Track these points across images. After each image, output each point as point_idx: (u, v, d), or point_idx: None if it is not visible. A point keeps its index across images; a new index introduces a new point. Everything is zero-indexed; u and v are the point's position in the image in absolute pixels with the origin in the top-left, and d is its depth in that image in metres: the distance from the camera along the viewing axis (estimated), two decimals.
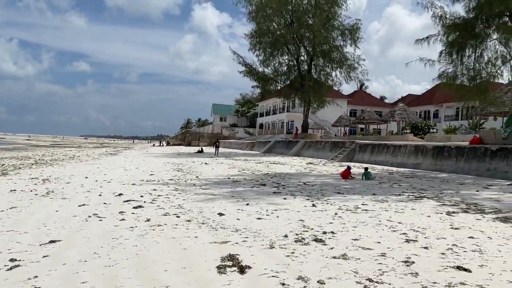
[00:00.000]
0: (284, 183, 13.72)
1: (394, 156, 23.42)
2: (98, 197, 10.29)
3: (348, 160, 27.19)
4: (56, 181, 14.01)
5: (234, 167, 21.84)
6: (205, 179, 15.11)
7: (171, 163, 25.26)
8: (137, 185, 13.07)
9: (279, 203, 9.26)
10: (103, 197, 10.30)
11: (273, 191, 11.54)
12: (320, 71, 42.05)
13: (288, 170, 19.67)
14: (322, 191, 11.50)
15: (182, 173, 17.80)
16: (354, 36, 39.93)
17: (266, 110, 79.70)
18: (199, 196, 10.48)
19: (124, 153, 42.64)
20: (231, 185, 13.06)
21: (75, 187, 12.12)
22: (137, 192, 11.13)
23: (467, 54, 17.29)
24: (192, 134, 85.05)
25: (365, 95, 75.07)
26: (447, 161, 19.32)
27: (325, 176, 16.47)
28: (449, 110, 66.63)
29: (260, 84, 44.75)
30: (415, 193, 11.39)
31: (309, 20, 41.05)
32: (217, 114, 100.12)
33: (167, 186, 12.60)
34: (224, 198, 10.06)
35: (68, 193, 10.78)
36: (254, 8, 41.77)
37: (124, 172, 17.97)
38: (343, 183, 13.82)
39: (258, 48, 41.66)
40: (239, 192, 11.29)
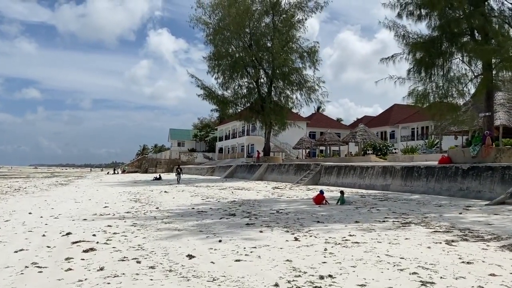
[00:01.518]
0: (255, 212, 12.53)
1: (361, 178, 22.86)
2: (41, 238, 8.68)
3: (313, 183, 26.43)
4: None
5: (197, 194, 20.41)
6: (167, 210, 13.65)
7: (128, 192, 23.43)
8: (89, 220, 11.46)
9: (256, 238, 8.06)
10: (47, 238, 8.69)
11: (245, 222, 10.33)
12: (281, 94, 41.69)
13: (255, 197, 18.50)
14: (299, 220, 10.41)
15: (140, 204, 16.21)
16: (313, 59, 40.03)
17: (226, 134, 78.63)
18: (162, 232, 9.09)
19: (76, 183, 39.91)
20: (197, 216, 11.71)
21: (14, 226, 10.36)
22: (88, 230, 9.58)
23: (435, 72, 17.16)
24: (149, 160, 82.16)
25: (323, 118, 75.83)
26: (417, 182, 18.88)
27: (296, 202, 15.43)
28: (404, 130, 68.35)
29: (219, 107, 43.70)
30: (398, 218, 10.55)
31: (267, 42, 40.83)
32: (175, 139, 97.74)
33: (124, 221, 11.08)
34: (191, 234, 8.73)
35: (5, 235, 9.06)
36: (211, 31, 41.14)
37: (74, 205, 16.14)
38: (319, 210, 12.82)
39: (217, 70, 40.86)
40: (207, 225, 9.99)
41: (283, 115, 40.88)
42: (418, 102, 16.89)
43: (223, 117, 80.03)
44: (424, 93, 16.72)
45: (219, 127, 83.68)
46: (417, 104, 16.98)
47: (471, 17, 15.78)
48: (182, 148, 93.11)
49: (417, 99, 17.01)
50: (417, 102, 16.98)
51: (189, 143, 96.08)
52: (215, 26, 40.82)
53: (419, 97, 16.83)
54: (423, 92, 16.79)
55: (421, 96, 16.72)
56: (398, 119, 70.50)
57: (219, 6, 40.09)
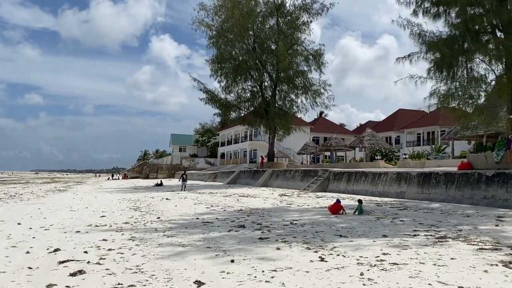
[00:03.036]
0: (266, 223, 11.36)
1: (374, 185, 21.66)
2: (24, 256, 7.53)
3: (322, 190, 25.26)
4: None
5: (200, 202, 19.23)
6: (169, 220, 12.48)
7: (127, 199, 22.26)
8: (83, 232, 10.30)
9: (275, 257, 6.90)
10: (31, 255, 7.55)
11: (257, 236, 9.15)
12: (285, 97, 40.61)
13: (262, 205, 17.31)
14: (318, 234, 9.23)
15: (140, 213, 15.04)
16: (318, 61, 38.97)
17: (228, 139, 77.47)
18: (164, 248, 7.93)
19: (75, 189, 38.75)
20: (203, 228, 10.54)
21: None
22: (80, 245, 8.43)
23: (457, 71, 16.05)
24: (150, 166, 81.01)
25: (326, 122, 74.68)
26: (436, 189, 17.69)
27: (309, 212, 14.25)
28: (410, 136, 67.12)
29: (222, 111, 42.65)
30: (429, 231, 9.37)
31: (272, 45, 39.82)
32: (176, 144, 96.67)
33: (121, 234, 9.92)
34: (198, 251, 7.57)
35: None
36: (214, 33, 40.15)
37: (69, 214, 14.98)
38: (336, 221, 11.64)
39: (220, 74, 39.80)
40: (214, 239, 8.82)
41: (287, 119, 39.77)
42: (442, 102, 15.74)
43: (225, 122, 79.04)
44: (447, 93, 15.55)
45: (221, 132, 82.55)
46: (443, 105, 15.81)
47: (497, 12, 14.69)
48: (184, 153, 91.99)
49: (440, 100, 15.86)
50: (441, 102, 15.83)
51: (190, 149, 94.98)
52: (218, 28, 39.83)
53: (443, 98, 15.68)
54: (446, 92, 15.62)
55: (445, 96, 15.58)
56: (403, 124, 69.28)
57: (222, 8, 39.11)
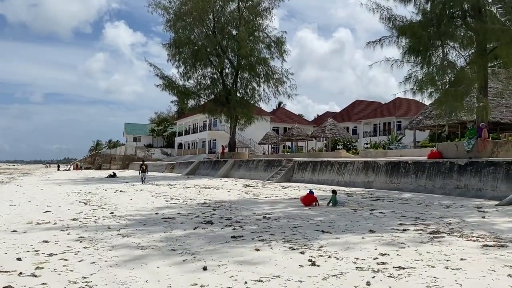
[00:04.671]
0: (236, 217, 10.18)
1: (340, 175, 21.01)
2: None
3: (286, 180, 24.42)
4: None
5: (159, 195, 17.74)
6: (124, 216, 11.01)
7: (77, 192, 20.34)
8: (20, 232, 8.69)
9: (255, 261, 5.74)
10: None
11: (229, 233, 7.96)
12: (247, 85, 39.39)
13: (228, 197, 16.11)
14: (297, 230, 8.17)
15: (91, 207, 13.41)
16: (280, 49, 38.00)
17: (186, 128, 75.38)
18: (118, 252, 6.56)
19: (20, 181, 35.78)
20: (164, 225, 9.20)
21: None
22: (13, 249, 6.90)
23: (433, 55, 15.48)
24: (103, 156, 77.54)
25: (286, 113, 74.27)
26: (405, 179, 17.19)
27: (280, 204, 13.20)
28: (367, 126, 68.02)
29: (180, 98, 40.80)
30: (416, 225, 8.56)
31: (233, 30, 38.41)
32: (130, 134, 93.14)
33: (67, 233, 8.41)
34: (161, 255, 6.27)
35: None
36: (172, 16, 38.18)
37: (7, 209, 13.10)
38: (312, 213, 10.65)
39: (178, 59, 37.99)
40: (179, 239, 7.54)
41: (249, 108, 38.64)
42: (421, 87, 15.09)
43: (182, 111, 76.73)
44: (425, 77, 14.91)
45: (178, 122, 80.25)
46: (421, 90, 15.16)
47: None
48: (138, 143, 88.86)
49: (417, 84, 15.19)
50: (418, 87, 15.17)
51: (145, 139, 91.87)
52: (176, 11, 37.94)
53: (421, 83, 15.02)
54: (424, 76, 14.97)
55: (423, 81, 14.93)
56: (360, 115, 70.18)
57: None
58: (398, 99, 65.62)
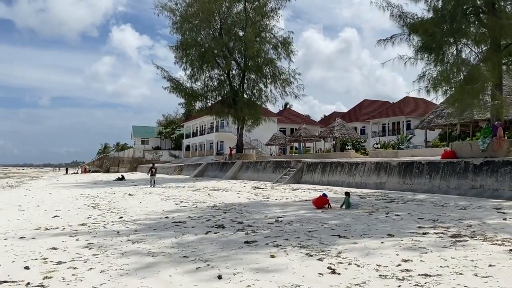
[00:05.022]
0: (248, 221, 9.92)
1: (351, 176, 20.68)
2: None
3: (295, 182, 24.14)
4: None
5: (168, 198, 17.54)
6: (133, 220, 10.81)
7: (86, 196, 20.21)
8: (28, 238, 8.51)
9: (271, 269, 5.48)
10: None
11: (242, 238, 7.70)
12: (253, 86, 39.13)
13: (237, 199, 15.87)
14: (312, 235, 7.90)
15: (100, 211, 13.22)
16: (287, 50, 37.71)
17: (193, 130, 75.30)
18: (129, 259, 6.34)
19: (28, 185, 35.83)
20: (174, 230, 8.97)
21: None
22: (21, 257, 6.70)
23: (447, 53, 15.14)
24: (111, 159, 77.64)
25: (293, 113, 73.88)
26: (419, 179, 16.83)
27: (291, 206, 12.92)
28: (375, 126, 67.46)
29: (187, 101, 40.69)
30: (436, 228, 8.25)
31: (239, 31, 38.21)
32: (138, 136, 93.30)
33: (76, 239, 8.21)
34: (172, 262, 6.03)
35: None
36: (178, 18, 38.06)
37: (16, 215, 12.95)
38: (325, 216, 10.37)
39: (185, 61, 37.84)
40: (191, 245, 7.30)
41: (256, 109, 38.39)
42: (435, 85, 14.73)
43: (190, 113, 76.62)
44: (442, 75, 14.55)
45: (185, 124, 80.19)
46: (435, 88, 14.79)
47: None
48: (146, 146, 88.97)
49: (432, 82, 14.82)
50: (433, 85, 14.81)
51: (153, 141, 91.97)
52: (182, 13, 37.80)
53: (436, 81, 14.65)
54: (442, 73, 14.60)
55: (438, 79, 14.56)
56: (368, 114, 69.61)
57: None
58: (407, 98, 65.07)
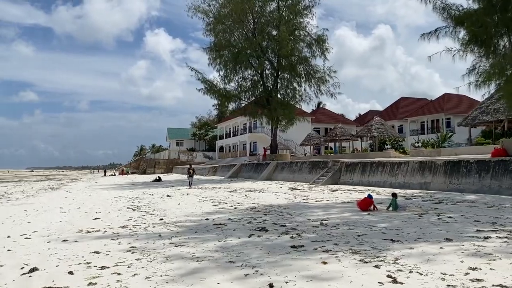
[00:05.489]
0: (291, 223, 9.56)
1: (393, 176, 19.93)
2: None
3: (333, 183, 23.54)
4: None
5: (205, 199, 17.41)
6: (174, 222, 10.66)
7: (124, 197, 20.42)
8: (71, 241, 8.47)
9: (325, 277, 5.10)
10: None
11: (288, 242, 7.35)
12: (287, 86, 38.68)
13: (276, 201, 15.53)
14: (363, 239, 7.45)
15: (140, 213, 13.20)
16: (322, 47, 37.08)
17: (226, 132, 75.62)
18: (173, 264, 6.11)
19: (69, 187, 36.83)
20: (216, 233, 8.72)
21: None
22: (65, 261, 6.61)
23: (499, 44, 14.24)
24: (147, 161, 79.08)
25: (327, 113, 72.86)
26: (467, 179, 15.96)
27: (334, 208, 12.46)
28: (413, 124, 65.52)
29: (221, 102, 40.76)
30: (497, 231, 7.63)
31: (272, 31, 37.89)
32: (173, 138, 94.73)
33: (118, 242, 8.09)
34: (219, 268, 5.75)
35: None
36: (211, 20, 38.13)
37: (58, 217, 13.12)
38: (372, 219, 9.87)
39: (219, 62, 37.83)
40: (235, 249, 7.01)
41: (291, 109, 37.95)
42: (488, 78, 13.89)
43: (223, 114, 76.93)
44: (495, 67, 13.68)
45: (219, 125, 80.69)
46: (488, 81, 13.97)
47: None
48: (181, 147, 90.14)
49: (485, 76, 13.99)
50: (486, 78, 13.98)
51: (188, 142, 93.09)
52: (215, 14, 37.85)
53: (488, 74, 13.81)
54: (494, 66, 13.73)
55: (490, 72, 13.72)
56: (406, 112, 67.69)
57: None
58: (447, 95, 62.82)
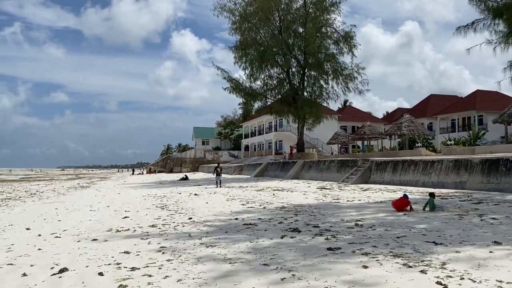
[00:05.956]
0: (324, 224, 9.21)
1: (426, 175, 19.23)
2: (18, 280, 5.63)
3: (363, 182, 22.96)
4: None
5: (233, 198, 17.21)
6: (203, 221, 10.47)
7: (153, 196, 20.47)
8: (101, 240, 8.39)
9: (368, 281, 4.76)
10: (27, 280, 5.64)
11: (323, 244, 7.01)
12: (314, 84, 38.14)
13: (305, 200, 15.17)
14: (403, 241, 7.03)
15: (168, 212, 13.11)
16: (350, 44, 36.36)
17: (251, 130, 75.49)
18: (205, 265, 5.87)
19: (98, 185, 37.45)
20: (248, 233, 8.46)
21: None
22: (95, 261, 6.48)
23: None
24: (174, 160, 79.80)
25: (354, 111, 71.70)
26: (507, 178, 15.19)
27: (367, 208, 12.02)
28: (443, 122, 63.68)
29: (247, 100, 40.57)
30: None
31: (299, 28, 37.42)
32: (199, 137, 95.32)
33: (148, 242, 7.94)
34: (253, 271, 5.48)
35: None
36: (237, 18, 37.95)
37: (88, 215, 13.17)
38: (410, 220, 9.40)
39: (245, 61, 37.60)
40: (268, 250, 6.72)
41: (318, 107, 37.40)
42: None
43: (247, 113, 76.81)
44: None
45: (244, 124, 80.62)
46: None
47: None
48: (207, 146, 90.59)
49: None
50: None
51: (213, 142, 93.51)
52: (241, 13, 37.66)
53: None
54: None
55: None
56: (436, 110, 65.79)
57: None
58: (478, 92, 60.85)
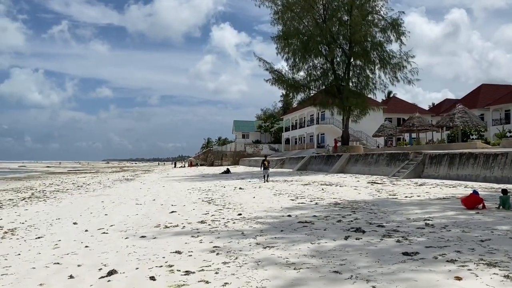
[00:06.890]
0: (388, 224, 8.34)
1: (487, 169, 17.77)
2: (64, 283, 5.21)
3: (416, 176, 21.66)
4: (25, 232, 9.06)
5: (280, 192, 16.53)
6: (254, 218, 9.86)
7: (197, 189, 20.17)
8: (149, 237, 7.96)
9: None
10: (74, 282, 5.22)
11: (395, 248, 6.19)
12: (360, 74, 36.69)
13: (358, 196, 14.26)
14: (488, 245, 6.10)
15: (216, 206, 12.61)
16: (398, 31, 34.62)
17: (292, 123, 74.42)
18: (266, 271, 5.22)
19: (142, 178, 37.93)
20: (305, 233, 7.74)
21: (40, 252, 7.08)
22: (145, 262, 5.99)
23: None
24: (215, 153, 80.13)
25: (399, 102, 69.05)
26: None
27: (431, 205, 10.99)
28: (496, 113, 60.10)
29: (290, 92, 39.67)
30: None
31: (344, 16, 36.05)
32: (239, 131, 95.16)
33: (199, 241, 7.40)
34: (324, 280, 4.76)
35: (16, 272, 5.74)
36: (279, 8, 37.05)
37: (134, 209, 12.92)
38: (487, 220, 8.36)
39: (287, 51, 36.69)
40: (334, 254, 5.98)
41: (363, 98, 35.98)
42: None
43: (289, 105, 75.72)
44: None
45: (284, 117, 79.69)
46: None
47: None
48: (247, 140, 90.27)
49: None
50: None
51: (253, 135, 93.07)
52: (284, 2, 36.71)
53: None
54: None
55: None
56: (488, 101, 62.15)
57: None
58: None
